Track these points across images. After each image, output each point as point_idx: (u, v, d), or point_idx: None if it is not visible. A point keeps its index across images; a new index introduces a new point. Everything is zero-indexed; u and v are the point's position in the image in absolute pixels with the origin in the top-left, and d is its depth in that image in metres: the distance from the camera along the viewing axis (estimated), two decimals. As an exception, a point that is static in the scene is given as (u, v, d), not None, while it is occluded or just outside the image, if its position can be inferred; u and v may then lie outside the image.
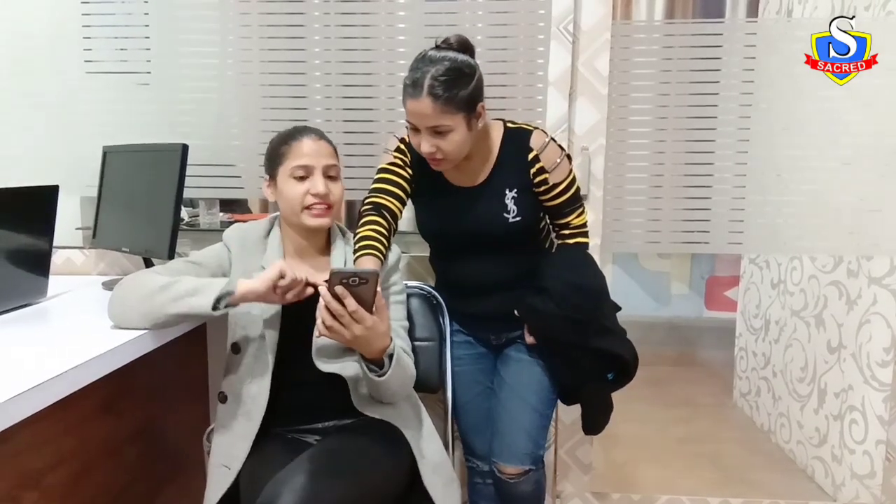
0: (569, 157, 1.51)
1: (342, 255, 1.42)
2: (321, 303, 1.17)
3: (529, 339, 1.55)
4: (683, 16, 4.37)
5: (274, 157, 1.39)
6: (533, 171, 1.46)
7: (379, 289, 1.20)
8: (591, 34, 1.85)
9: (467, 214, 1.49)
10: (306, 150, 1.36)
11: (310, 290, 1.27)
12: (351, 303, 1.16)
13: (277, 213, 1.45)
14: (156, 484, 1.62)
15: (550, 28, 1.84)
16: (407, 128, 1.41)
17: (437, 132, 1.35)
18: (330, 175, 1.38)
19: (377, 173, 1.51)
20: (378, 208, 1.44)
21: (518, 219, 1.47)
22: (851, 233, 1.94)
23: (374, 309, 1.19)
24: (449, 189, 1.51)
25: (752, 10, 3.80)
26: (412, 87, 1.32)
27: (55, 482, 1.23)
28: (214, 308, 1.22)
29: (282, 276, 1.23)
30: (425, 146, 1.37)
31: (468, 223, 1.49)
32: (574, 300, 1.46)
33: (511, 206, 1.47)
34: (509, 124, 1.51)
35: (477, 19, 1.89)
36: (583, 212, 1.57)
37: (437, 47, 1.37)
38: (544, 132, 1.49)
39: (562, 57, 1.85)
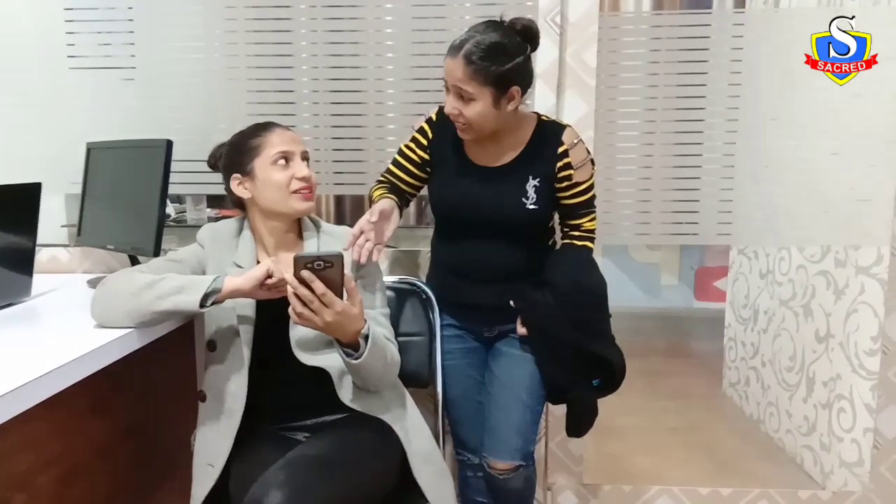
0: (592, 161, 1.53)
1: (315, 246, 1.42)
2: (289, 290, 1.16)
3: (521, 331, 1.55)
4: (671, 7, 4.38)
5: (246, 152, 1.37)
6: (560, 164, 1.48)
7: (348, 271, 1.20)
8: (579, 26, 1.84)
9: (486, 193, 1.49)
10: (281, 139, 1.37)
11: None
12: (319, 286, 1.15)
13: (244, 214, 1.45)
14: (148, 483, 1.61)
15: (538, 20, 1.83)
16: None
17: (461, 96, 1.38)
18: (306, 160, 1.39)
19: (397, 153, 1.59)
20: (382, 183, 1.58)
21: (535, 207, 1.48)
22: (841, 223, 1.95)
23: (343, 292, 1.19)
24: (470, 166, 1.52)
25: (740, 2, 3.80)
26: (455, 45, 1.36)
27: (45, 483, 1.22)
28: (202, 305, 1.21)
29: (269, 276, 1.22)
30: (448, 106, 1.42)
31: (485, 202, 1.50)
32: (577, 299, 1.47)
33: (531, 193, 1.48)
34: (543, 117, 1.54)
35: (465, 11, 1.88)
36: (594, 218, 1.58)
37: (499, 22, 1.39)
38: (576, 132, 1.51)
39: (549, 49, 1.84)
